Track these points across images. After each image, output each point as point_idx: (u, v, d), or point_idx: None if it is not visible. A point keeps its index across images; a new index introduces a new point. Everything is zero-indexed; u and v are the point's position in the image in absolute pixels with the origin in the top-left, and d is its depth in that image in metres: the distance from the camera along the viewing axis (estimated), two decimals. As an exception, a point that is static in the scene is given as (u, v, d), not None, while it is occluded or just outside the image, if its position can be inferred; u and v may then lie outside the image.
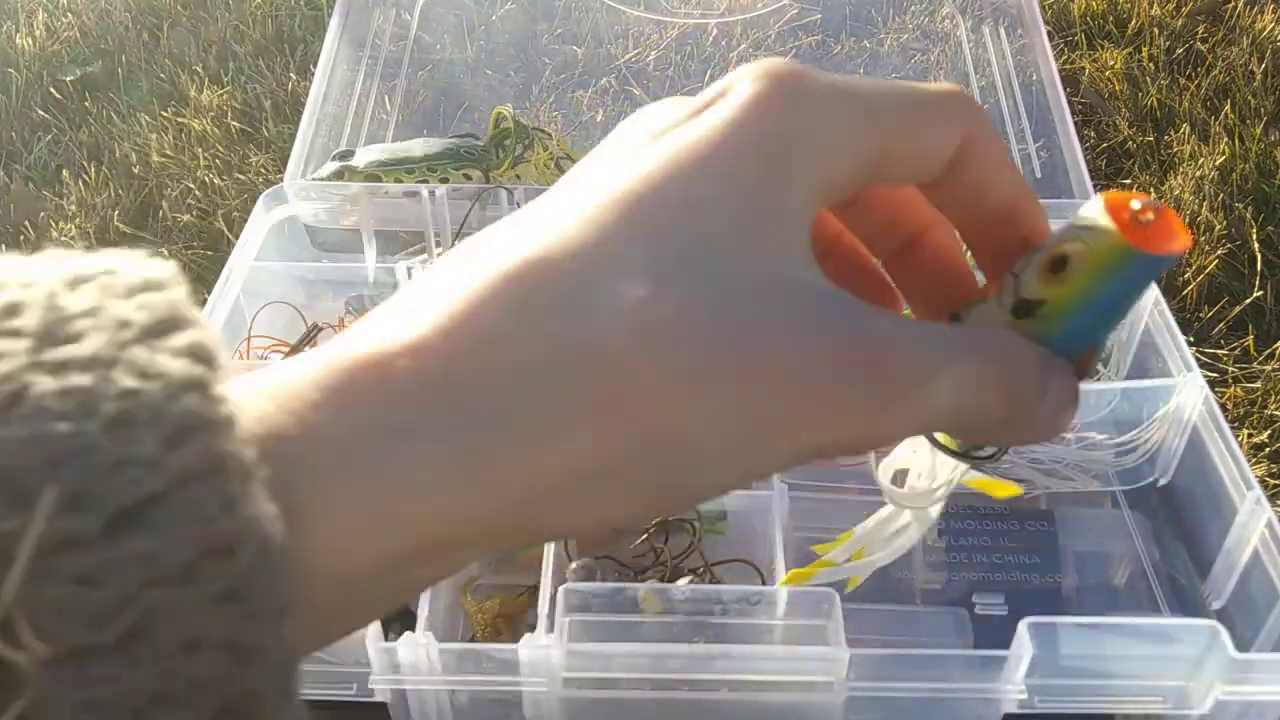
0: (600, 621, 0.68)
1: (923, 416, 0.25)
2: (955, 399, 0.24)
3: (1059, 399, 0.26)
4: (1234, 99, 1.52)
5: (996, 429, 0.26)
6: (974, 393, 0.25)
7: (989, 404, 0.25)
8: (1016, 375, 0.26)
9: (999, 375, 0.25)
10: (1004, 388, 0.25)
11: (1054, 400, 0.26)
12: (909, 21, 1.45)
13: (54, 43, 1.68)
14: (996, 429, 0.26)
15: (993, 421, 0.25)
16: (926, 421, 0.25)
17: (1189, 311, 1.24)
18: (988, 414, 0.25)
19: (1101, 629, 0.70)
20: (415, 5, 1.35)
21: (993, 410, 0.25)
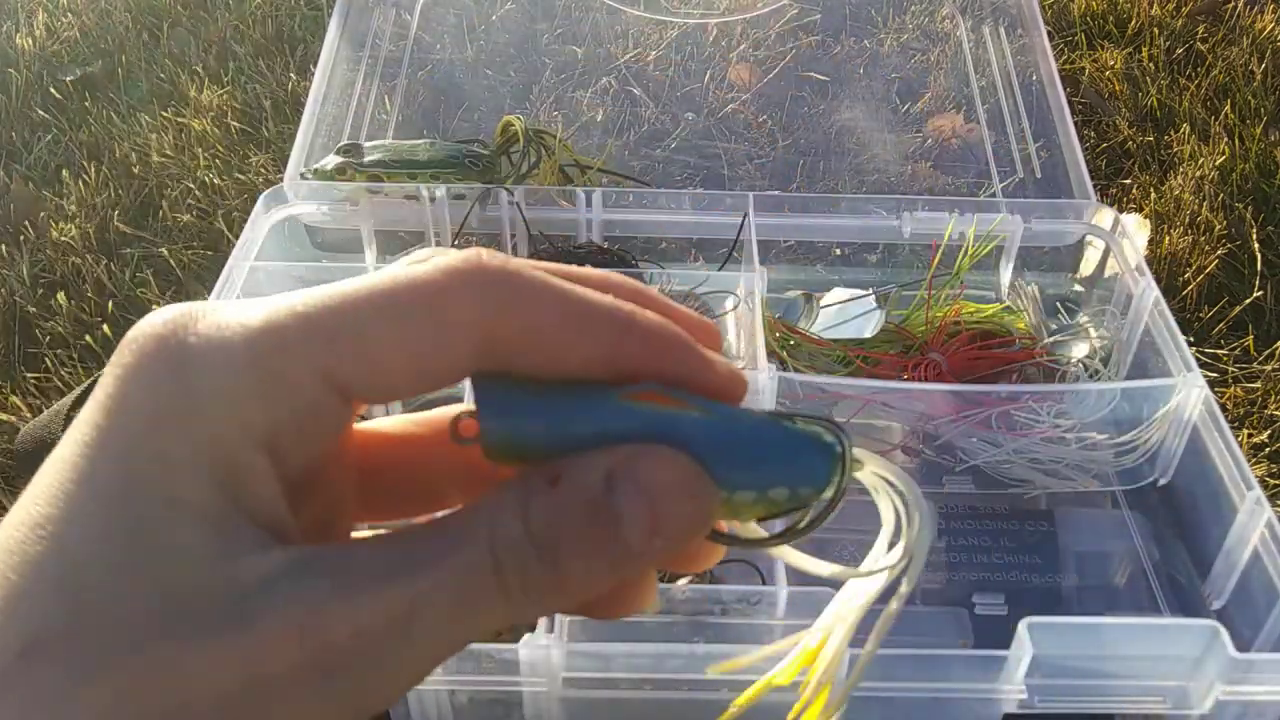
0: (600, 621, 0.68)
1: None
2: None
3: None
4: (1234, 99, 1.52)
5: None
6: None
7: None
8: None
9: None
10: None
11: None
12: (909, 21, 1.45)
13: (54, 43, 1.68)
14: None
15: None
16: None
17: (1189, 311, 1.24)
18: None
19: (1101, 629, 0.70)
20: (415, 5, 1.35)
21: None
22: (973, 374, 0.96)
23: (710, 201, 1.05)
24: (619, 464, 0.22)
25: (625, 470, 0.22)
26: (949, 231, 1.02)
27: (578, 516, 0.22)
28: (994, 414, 0.86)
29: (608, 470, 0.22)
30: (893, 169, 1.29)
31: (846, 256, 1.16)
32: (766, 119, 1.36)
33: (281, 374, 0.22)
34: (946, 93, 1.35)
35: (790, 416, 0.25)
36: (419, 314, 0.22)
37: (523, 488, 0.22)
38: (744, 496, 0.24)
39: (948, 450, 0.88)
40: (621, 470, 0.22)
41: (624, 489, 0.22)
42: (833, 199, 1.06)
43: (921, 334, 0.99)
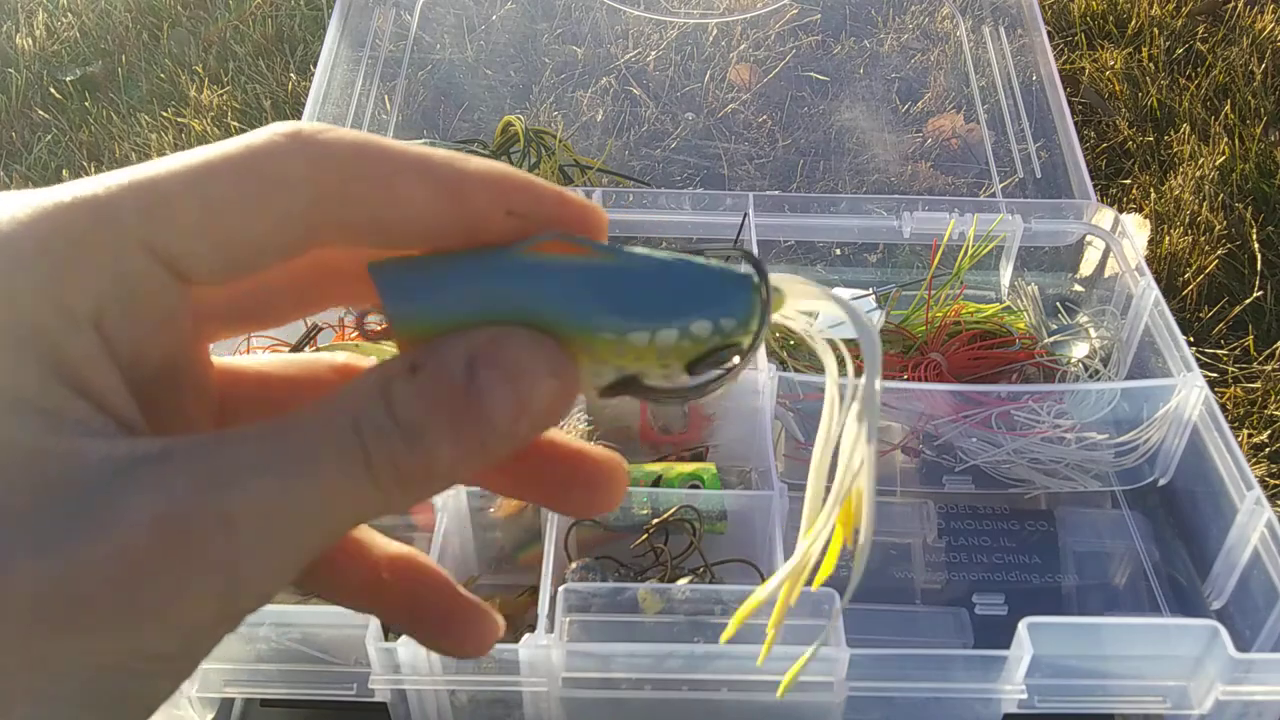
0: (600, 621, 0.68)
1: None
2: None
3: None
4: (1234, 99, 1.52)
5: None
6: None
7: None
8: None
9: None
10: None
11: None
12: (909, 21, 1.45)
13: (54, 43, 1.68)
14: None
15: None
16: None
17: (1189, 311, 1.24)
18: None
19: (1101, 629, 0.70)
20: (415, 5, 1.35)
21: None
22: (973, 374, 0.96)
23: (710, 201, 1.05)
24: (479, 348, 0.22)
25: (485, 354, 0.22)
26: (949, 231, 1.02)
27: (441, 400, 0.22)
28: (994, 414, 0.86)
29: (467, 355, 0.22)
30: (893, 169, 1.29)
31: (846, 256, 1.16)
32: (766, 119, 1.36)
33: (97, 245, 0.20)
34: (946, 93, 1.35)
35: (701, 253, 0.24)
36: (241, 174, 0.21)
37: (382, 374, 0.22)
38: (665, 336, 0.23)
39: (948, 450, 0.88)
40: (481, 354, 0.22)
41: (484, 373, 0.22)
42: (833, 199, 1.06)
43: (921, 334, 0.99)
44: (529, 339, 0.22)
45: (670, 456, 0.86)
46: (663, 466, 0.82)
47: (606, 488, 0.26)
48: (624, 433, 0.88)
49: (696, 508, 0.78)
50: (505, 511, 0.80)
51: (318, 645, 0.67)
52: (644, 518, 0.79)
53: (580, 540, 0.79)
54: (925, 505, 0.87)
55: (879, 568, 0.84)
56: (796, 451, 0.88)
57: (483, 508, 0.80)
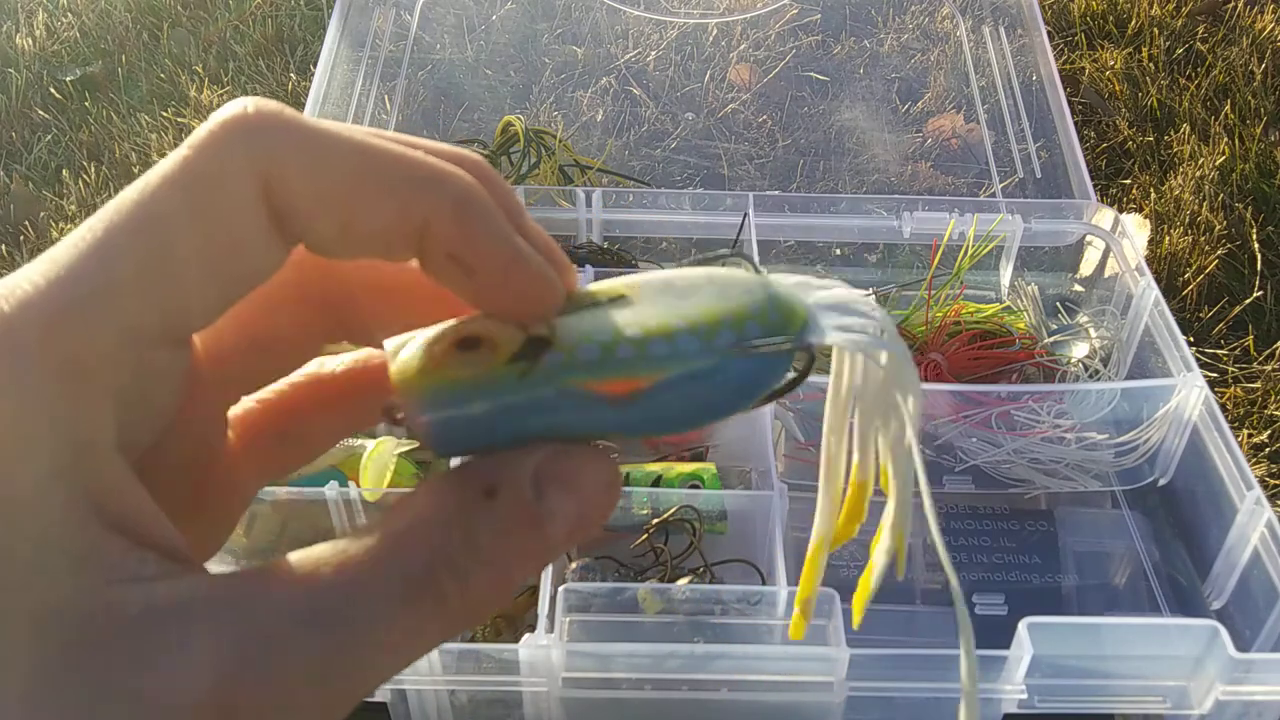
0: (600, 621, 0.68)
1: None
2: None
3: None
4: (1234, 99, 1.52)
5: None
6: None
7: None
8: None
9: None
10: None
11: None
12: (909, 21, 1.45)
13: (54, 43, 1.68)
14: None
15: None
16: None
17: (1189, 311, 1.24)
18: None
19: (1101, 629, 0.70)
20: (415, 5, 1.35)
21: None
22: (973, 374, 0.96)
23: (710, 201, 1.05)
24: (544, 466, 0.21)
25: (551, 472, 0.21)
26: (949, 231, 1.02)
27: (520, 528, 0.21)
28: (994, 414, 0.86)
29: (534, 471, 0.21)
30: (893, 169, 1.29)
31: (846, 256, 1.16)
32: (766, 119, 1.36)
33: (92, 363, 0.18)
34: (946, 93, 1.35)
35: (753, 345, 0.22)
36: (186, 214, 0.19)
37: (460, 504, 0.21)
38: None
39: (948, 450, 0.88)
40: (548, 472, 0.21)
41: (553, 494, 0.21)
42: (833, 199, 1.06)
43: (921, 334, 0.99)
44: (590, 453, 0.22)
45: (670, 456, 0.86)
46: (663, 466, 0.82)
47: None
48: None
49: (696, 508, 0.78)
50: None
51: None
52: (644, 518, 0.79)
53: (580, 540, 0.79)
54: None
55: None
56: (797, 451, 0.88)
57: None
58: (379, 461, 0.78)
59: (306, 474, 0.79)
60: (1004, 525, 0.87)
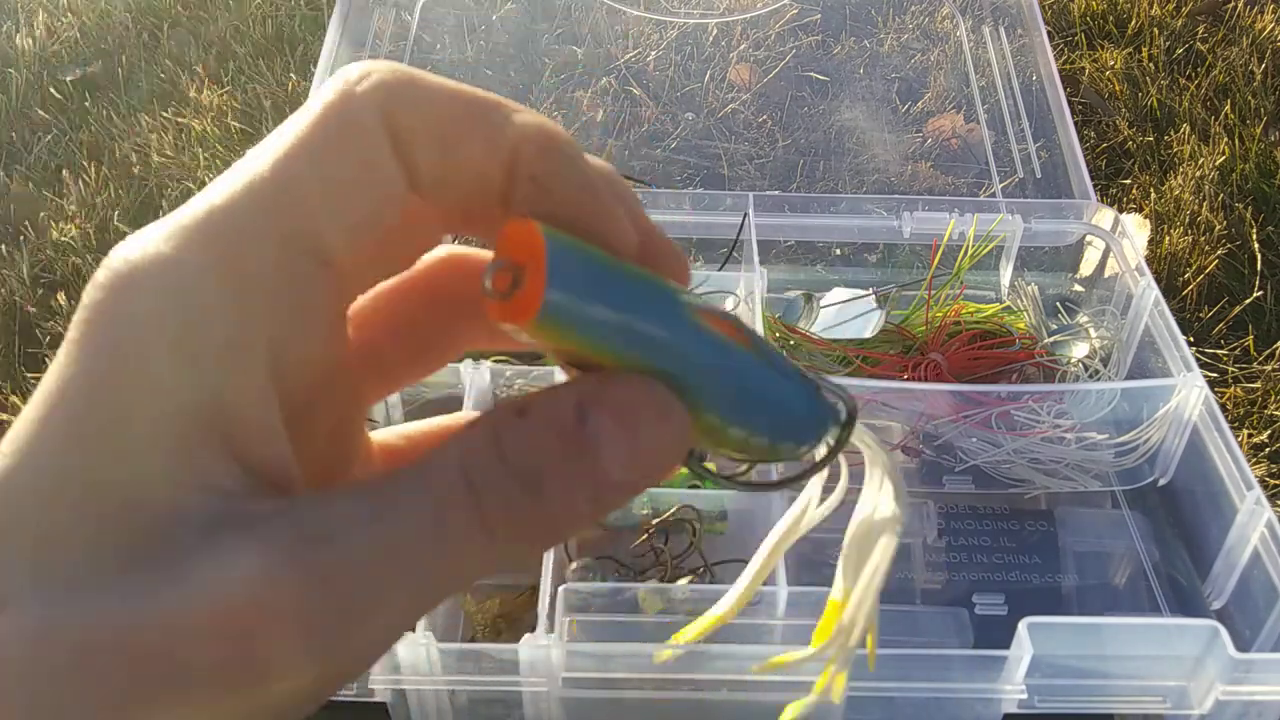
0: (600, 621, 0.68)
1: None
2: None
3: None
4: (1234, 99, 1.52)
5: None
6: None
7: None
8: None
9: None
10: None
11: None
12: (909, 21, 1.45)
13: (54, 43, 1.68)
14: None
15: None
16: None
17: (1189, 311, 1.24)
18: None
19: (1101, 629, 0.70)
20: (415, 5, 1.35)
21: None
22: (973, 374, 0.96)
23: (710, 201, 1.05)
24: (589, 393, 0.21)
25: (596, 397, 0.21)
26: (949, 231, 1.02)
27: (553, 445, 0.21)
28: (994, 414, 0.86)
29: (578, 399, 0.21)
30: (893, 169, 1.29)
31: (846, 256, 1.16)
32: (766, 119, 1.36)
33: (263, 267, 0.20)
34: (946, 93, 1.35)
35: (816, 380, 0.24)
36: (342, 140, 0.21)
37: (489, 421, 0.21)
38: (758, 440, 0.23)
39: (948, 450, 0.88)
40: (592, 397, 0.21)
41: (597, 416, 0.21)
42: (833, 199, 1.06)
43: (921, 334, 0.99)
44: (640, 382, 0.21)
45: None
46: (663, 466, 0.82)
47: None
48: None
49: (696, 508, 0.78)
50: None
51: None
52: (644, 518, 0.79)
53: (580, 540, 0.79)
54: (925, 505, 0.87)
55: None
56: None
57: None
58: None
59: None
60: (1004, 525, 0.87)
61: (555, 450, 0.20)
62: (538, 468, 0.20)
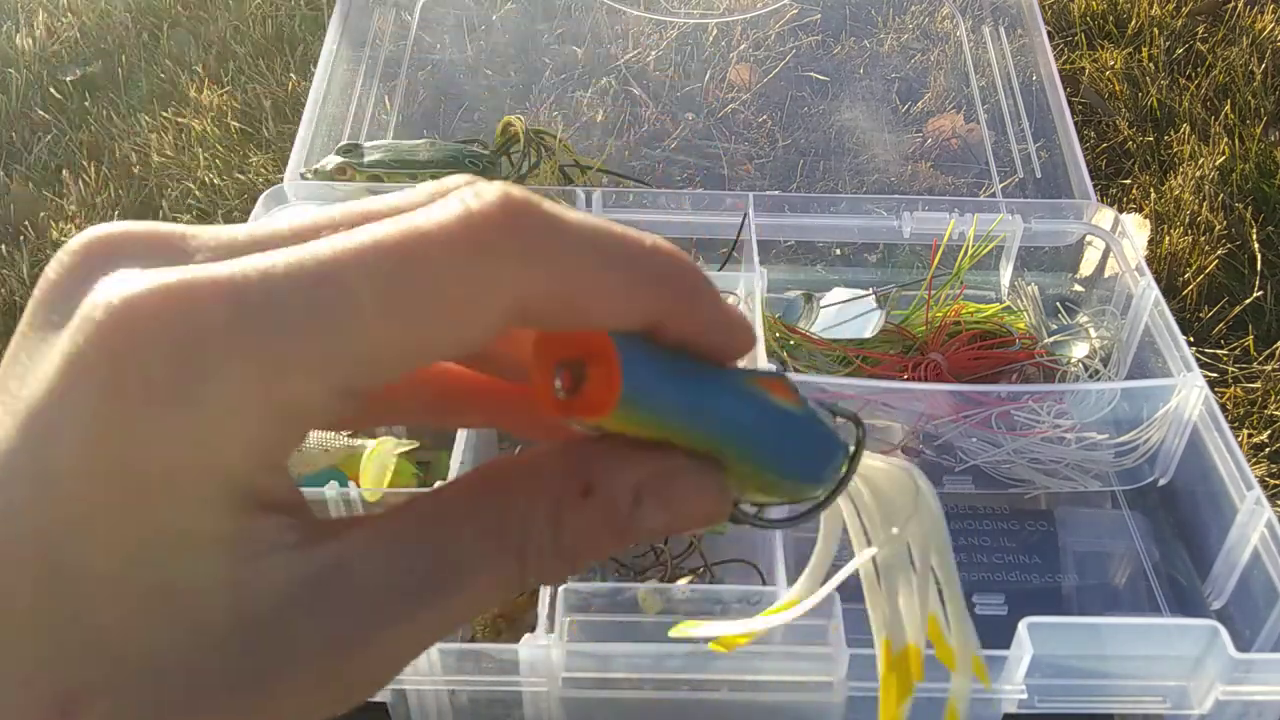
0: (600, 621, 0.68)
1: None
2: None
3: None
4: (1234, 99, 1.52)
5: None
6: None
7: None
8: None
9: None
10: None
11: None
12: (909, 21, 1.45)
13: (54, 43, 1.68)
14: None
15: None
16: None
17: (1189, 311, 1.24)
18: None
19: (1101, 629, 0.70)
20: (415, 5, 1.35)
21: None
22: (973, 374, 0.96)
23: (710, 201, 1.05)
24: (649, 480, 0.22)
25: (655, 488, 0.22)
26: (949, 231, 1.02)
27: (604, 530, 0.22)
28: (994, 414, 0.86)
29: (636, 485, 0.22)
30: (893, 169, 1.29)
31: (846, 256, 1.16)
32: (766, 119, 1.36)
33: (287, 400, 0.19)
34: (946, 93, 1.35)
35: (834, 413, 0.26)
36: (446, 286, 0.19)
37: (554, 498, 0.22)
38: (788, 484, 0.25)
39: (948, 450, 0.88)
40: (651, 487, 0.22)
41: (650, 507, 0.22)
42: (833, 199, 1.06)
43: (921, 334, 0.99)
44: (700, 485, 0.23)
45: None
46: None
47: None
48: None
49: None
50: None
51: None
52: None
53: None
54: (925, 505, 0.87)
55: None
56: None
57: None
58: (379, 461, 0.78)
59: (306, 474, 0.79)
60: (1004, 525, 0.87)
61: (605, 539, 0.22)
62: (578, 555, 0.22)
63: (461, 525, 0.21)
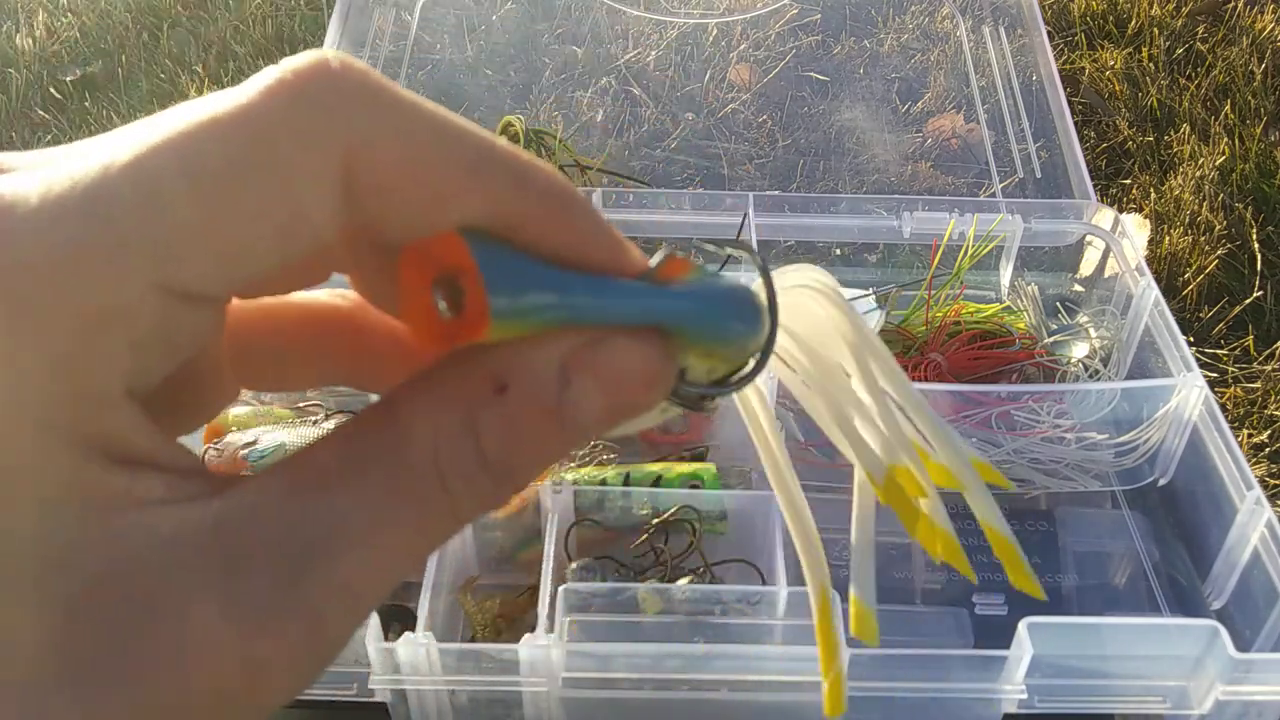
0: (600, 621, 0.68)
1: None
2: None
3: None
4: (1234, 99, 1.52)
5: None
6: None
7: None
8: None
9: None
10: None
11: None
12: (909, 21, 1.45)
13: (54, 43, 1.68)
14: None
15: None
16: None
17: (1189, 311, 1.24)
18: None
19: (1101, 629, 0.70)
20: (415, 5, 1.35)
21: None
22: (973, 374, 0.96)
23: (710, 201, 1.05)
24: (575, 352, 0.19)
25: (583, 359, 0.19)
26: (949, 231, 1.02)
27: (533, 426, 0.19)
28: (994, 414, 0.86)
29: (563, 360, 0.19)
30: (893, 169, 1.29)
31: (846, 256, 1.16)
32: (766, 119, 1.36)
33: (113, 310, 0.17)
34: (946, 93, 1.35)
35: (720, 245, 0.25)
36: (258, 151, 0.17)
37: (465, 401, 0.19)
38: (731, 348, 0.23)
39: (948, 450, 0.88)
40: (579, 360, 0.19)
41: (582, 384, 0.19)
42: (833, 199, 1.06)
43: (921, 334, 0.99)
44: (632, 345, 0.20)
45: (670, 456, 0.86)
46: (663, 466, 0.82)
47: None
48: (624, 433, 0.88)
49: (696, 508, 0.78)
50: (505, 511, 0.80)
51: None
52: (644, 518, 0.79)
53: (580, 540, 0.79)
54: (925, 505, 0.87)
55: (879, 568, 0.84)
56: (797, 452, 0.88)
57: (483, 508, 0.80)
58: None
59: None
60: (1004, 525, 0.87)
61: (535, 434, 0.19)
62: (514, 461, 0.19)
63: (366, 469, 0.19)
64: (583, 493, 0.79)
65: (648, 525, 0.78)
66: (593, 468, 0.82)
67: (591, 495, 0.79)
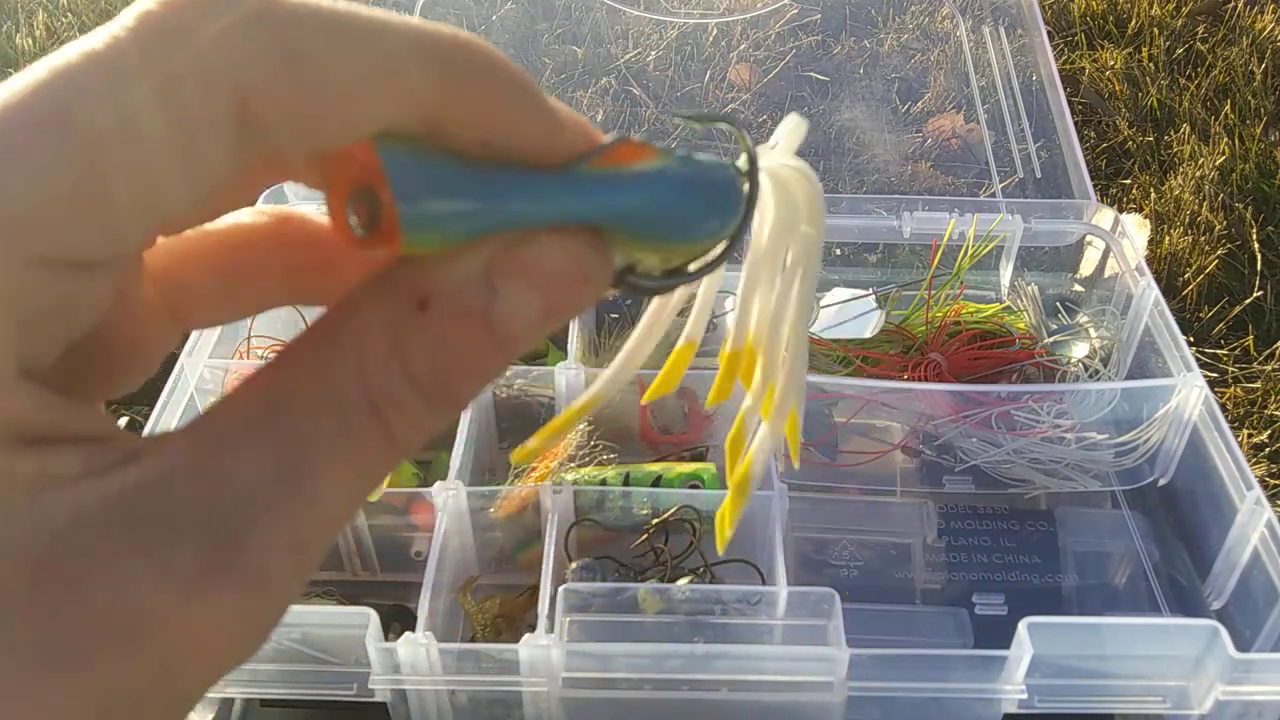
0: (600, 621, 0.68)
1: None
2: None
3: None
4: (1234, 99, 1.52)
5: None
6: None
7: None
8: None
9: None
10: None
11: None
12: (909, 21, 1.45)
13: (54, 43, 1.68)
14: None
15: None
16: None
17: (1189, 311, 1.24)
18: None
19: (1101, 629, 0.70)
20: (415, 5, 1.35)
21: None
22: (973, 374, 0.96)
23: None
24: (499, 257, 0.18)
25: (509, 263, 0.18)
26: (949, 231, 1.02)
27: (463, 340, 0.18)
28: (994, 414, 0.86)
29: (486, 267, 0.18)
30: (893, 169, 1.29)
31: (846, 256, 1.16)
32: (766, 119, 1.36)
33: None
34: (946, 93, 1.35)
35: (700, 121, 0.23)
36: (126, 124, 0.16)
37: (388, 322, 0.18)
38: (689, 242, 0.22)
39: (948, 450, 0.88)
40: (504, 264, 0.18)
41: (509, 290, 0.18)
42: (833, 199, 1.06)
43: (921, 334, 0.99)
44: (558, 245, 0.19)
45: (670, 456, 0.86)
46: (662, 466, 0.82)
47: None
48: (624, 433, 0.88)
49: (696, 508, 0.78)
50: (505, 511, 0.80)
51: (318, 645, 0.67)
52: (644, 518, 0.79)
53: (580, 540, 0.79)
54: (925, 505, 0.87)
55: (879, 568, 0.84)
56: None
57: (482, 508, 0.80)
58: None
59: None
60: (1004, 525, 0.87)
61: (465, 348, 0.18)
62: (445, 379, 0.18)
63: (292, 408, 0.18)
64: (583, 493, 0.79)
65: (648, 525, 0.78)
66: (593, 468, 0.82)
67: (591, 495, 0.79)
